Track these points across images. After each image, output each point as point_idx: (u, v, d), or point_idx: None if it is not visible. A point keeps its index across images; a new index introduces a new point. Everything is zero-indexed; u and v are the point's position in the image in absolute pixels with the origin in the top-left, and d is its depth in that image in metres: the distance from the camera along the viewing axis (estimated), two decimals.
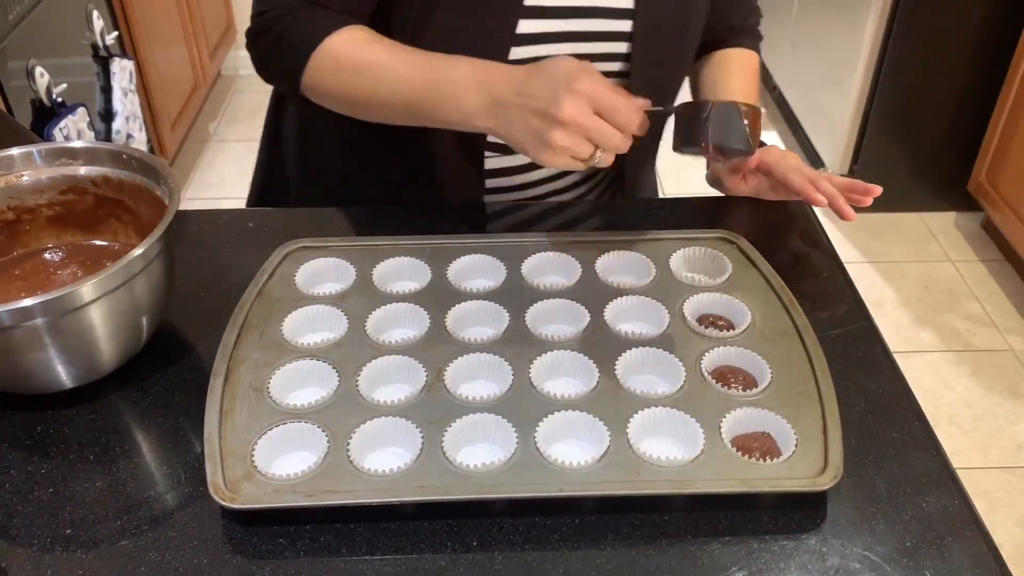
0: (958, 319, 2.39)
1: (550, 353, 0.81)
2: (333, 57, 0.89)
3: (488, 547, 0.68)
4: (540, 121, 0.80)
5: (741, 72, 1.11)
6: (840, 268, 0.96)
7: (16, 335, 0.72)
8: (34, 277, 0.87)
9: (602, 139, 0.80)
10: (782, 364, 0.80)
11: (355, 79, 0.89)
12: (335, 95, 0.92)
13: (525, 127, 0.81)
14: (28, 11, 1.89)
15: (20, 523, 0.70)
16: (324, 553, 0.67)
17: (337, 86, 0.90)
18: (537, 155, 0.82)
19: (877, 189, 0.96)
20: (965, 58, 2.47)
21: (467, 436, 0.74)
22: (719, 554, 0.67)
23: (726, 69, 1.11)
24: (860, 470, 0.74)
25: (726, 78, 1.10)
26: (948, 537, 0.69)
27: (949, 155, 2.65)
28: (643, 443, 0.74)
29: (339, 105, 0.93)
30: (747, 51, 1.14)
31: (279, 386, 0.78)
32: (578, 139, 0.80)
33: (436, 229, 0.97)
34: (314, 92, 0.93)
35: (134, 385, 0.81)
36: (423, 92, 0.86)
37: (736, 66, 1.11)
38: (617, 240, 0.95)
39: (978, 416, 2.11)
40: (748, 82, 1.11)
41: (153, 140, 2.55)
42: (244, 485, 0.69)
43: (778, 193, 1.03)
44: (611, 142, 0.81)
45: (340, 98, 0.92)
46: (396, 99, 0.88)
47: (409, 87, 0.87)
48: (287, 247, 0.93)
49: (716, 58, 1.13)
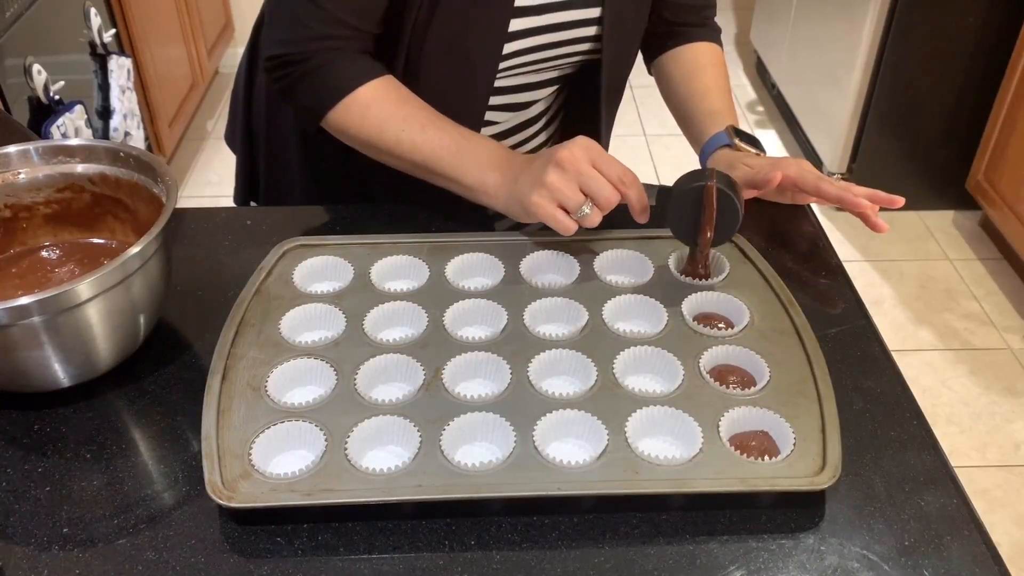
0: (956, 318, 2.39)
1: (548, 352, 0.81)
2: (364, 105, 0.94)
3: (486, 546, 0.68)
4: (540, 170, 0.86)
5: (712, 67, 1.13)
6: (839, 267, 0.96)
7: (13, 333, 0.72)
8: (31, 275, 0.87)
9: (593, 185, 0.85)
10: (780, 363, 0.80)
11: (380, 130, 0.94)
12: (356, 138, 0.96)
13: (526, 182, 0.87)
14: (25, 8, 1.89)
15: (17, 521, 0.70)
16: (322, 552, 0.67)
17: (360, 132, 0.95)
18: (525, 202, 0.86)
19: (899, 200, 0.96)
20: (963, 57, 2.47)
21: (465, 435, 0.74)
22: (717, 553, 0.67)
23: (696, 65, 1.13)
24: (858, 469, 0.74)
25: (699, 73, 1.12)
26: (946, 536, 0.69)
27: (947, 154, 2.65)
28: (641, 442, 0.74)
29: (356, 145, 0.98)
30: (710, 45, 1.15)
31: (277, 385, 0.78)
32: (570, 182, 0.85)
33: (435, 227, 0.97)
34: (335, 129, 0.97)
35: (131, 383, 0.81)
36: (447, 154, 0.93)
37: (706, 61, 1.13)
38: (615, 239, 0.95)
39: (976, 415, 2.11)
40: (721, 77, 1.13)
41: (151, 138, 2.55)
42: (241, 484, 0.69)
43: (784, 196, 1.03)
44: (602, 191, 0.85)
45: (359, 141, 0.96)
46: (416, 155, 0.94)
47: (432, 148, 0.93)
48: (285, 245, 0.93)
49: (683, 55, 1.14)
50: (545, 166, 0.86)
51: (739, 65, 3.62)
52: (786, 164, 1.00)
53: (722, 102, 1.10)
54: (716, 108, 1.09)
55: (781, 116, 3.24)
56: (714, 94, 1.11)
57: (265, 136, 1.15)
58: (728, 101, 1.11)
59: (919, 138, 2.64)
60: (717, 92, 1.11)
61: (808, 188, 0.99)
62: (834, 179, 0.98)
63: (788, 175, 0.99)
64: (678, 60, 1.15)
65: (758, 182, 0.99)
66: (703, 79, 1.12)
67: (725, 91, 1.12)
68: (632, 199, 0.87)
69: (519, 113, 1.10)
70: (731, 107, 1.11)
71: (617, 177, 0.86)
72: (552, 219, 0.86)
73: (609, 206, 0.86)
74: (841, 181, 0.99)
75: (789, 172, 0.99)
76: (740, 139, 1.04)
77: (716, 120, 1.07)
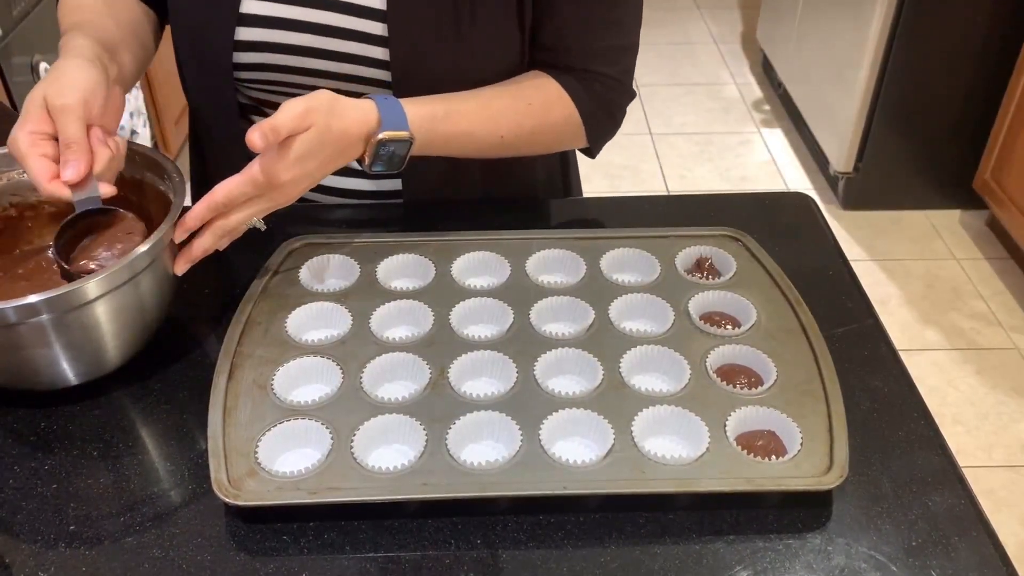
0: (963, 317, 2.38)
1: (554, 351, 0.81)
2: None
3: (492, 545, 0.68)
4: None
5: (525, 88, 0.93)
6: (846, 266, 0.96)
7: (21, 332, 0.72)
8: (38, 275, 0.87)
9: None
10: (787, 362, 0.80)
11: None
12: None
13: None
14: (32, 7, 1.89)
15: (24, 519, 0.70)
16: (327, 550, 0.67)
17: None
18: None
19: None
20: (970, 55, 2.46)
21: (471, 434, 0.74)
22: (724, 553, 0.67)
23: (510, 81, 0.94)
24: (865, 469, 0.73)
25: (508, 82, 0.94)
26: (954, 537, 0.68)
27: (954, 153, 2.64)
28: (647, 441, 0.73)
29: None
30: (556, 86, 0.93)
31: (283, 383, 0.78)
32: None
33: (440, 226, 0.97)
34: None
35: (138, 382, 0.81)
36: None
37: (529, 83, 0.93)
38: (622, 237, 0.95)
39: (982, 415, 2.11)
40: (513, 104, 0.92)
41: (157, 136, 2.55)
42: (247, 482, 0.69)
43: None
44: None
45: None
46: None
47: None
48: (291, 244, 0.93)
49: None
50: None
51: (745, 64, 3.61)
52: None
53: (461, 101, 0.90)
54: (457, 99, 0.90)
55: (787, 115, 3.23)
56: (480, 94, 0.91)
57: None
58: (470, 124, 0.90)
59: (926, 137, 2.63)
60: (482, 97, 0.91)
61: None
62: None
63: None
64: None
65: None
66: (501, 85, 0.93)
67: (487, 109, 0.90)
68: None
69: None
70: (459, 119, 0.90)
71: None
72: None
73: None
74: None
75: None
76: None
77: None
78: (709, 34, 3.85)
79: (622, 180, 2.90)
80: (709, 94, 3.41)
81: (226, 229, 0.81)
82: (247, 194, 0.80)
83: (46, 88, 0.76)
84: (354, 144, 0.83)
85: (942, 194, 2.73)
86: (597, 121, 0.97)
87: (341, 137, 0.82)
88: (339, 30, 0.90)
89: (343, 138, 0.82)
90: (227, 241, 0.83)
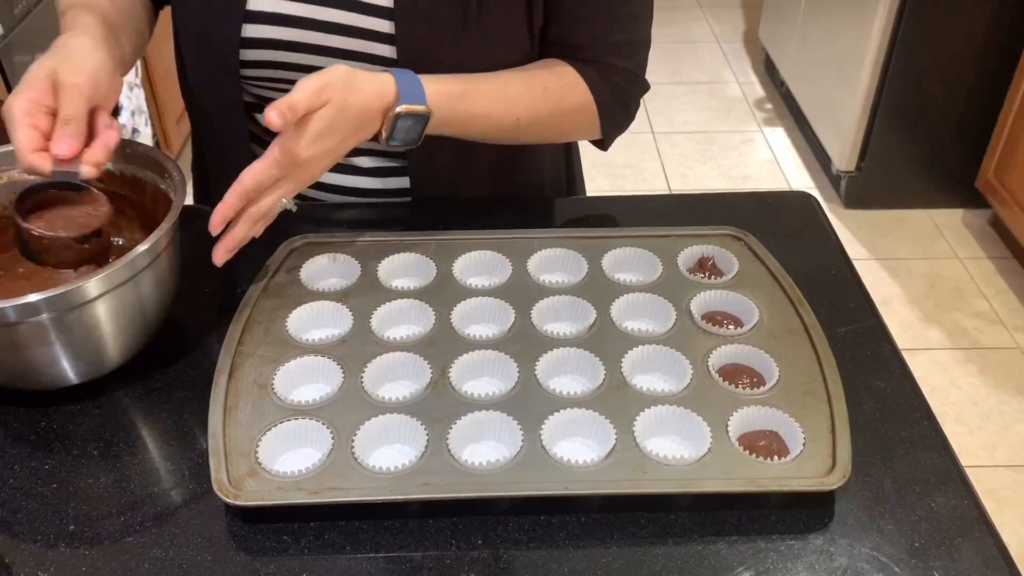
0: (965, 317, 2.38)
1: (556, 350, 0.80)
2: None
3: (493, 545, 0.68)
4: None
5: (539, 75, 0.92)
6: (848, 265, 0.96)
7: (22, 331, 0.72)
8: (38, 274, 0.87)
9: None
10: (790, 362, 0.80)
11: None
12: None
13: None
14: (34, 5, 1.89)
15: (24, 519, 0.70)
16: (328, 550, 0.67)
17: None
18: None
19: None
20: (973, 54, 2.46)
21: (472, 434, 0.74)
22: (726, 553, 0.67)
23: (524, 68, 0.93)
24: (868, 469, 0.73)
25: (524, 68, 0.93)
26: (958, 538, 0.68)
27: (957, 152, 2.64)
28: (649, 441, 0.73)
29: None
30: (573, 73, 0.93)
31: (284, 382, 0.78)
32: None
33: (441, 225, 0.97)
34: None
35: (139, 381, 0.81)
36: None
37: (543, 70, 0.93)
38: (623, 236, 0.95)
39: (985, 414, 2.10)
40: (530, 88, 0.92)
41: (158, 135, 2.55)
42: (248, 482, 0.69)
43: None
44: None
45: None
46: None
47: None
48: (292, 243, 0.93)
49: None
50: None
51: (747, 62, 3.61)
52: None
53: (473, 82, 0.89)
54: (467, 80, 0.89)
55: (790, 114, 3.22)
56: (498, 76, 0.91)
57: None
58: (492, 106, 0.90)
59: (928, 136, 2.62)
60: (500, 79, 0.91)
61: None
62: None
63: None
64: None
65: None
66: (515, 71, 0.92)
67: (504, 92, 0.90)
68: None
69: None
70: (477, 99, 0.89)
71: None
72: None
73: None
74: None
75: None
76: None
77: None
78: (711, 33, 3.85)
79: (624, 179, 2.90)
80: (711, 93, 3.41)
81: (259, 215, 0.82)
82: (273, 176, 0.80)
83: (57, 64, 0.77)
84: (374, 118, 0.83)
85: (945, 193, 2.73)
86: (612, 111, 0.97)
87: (360, 111, 0.81)
88: (346, 27, 0.90)
89: (362, 112, 0.82)
90: (262, 226, 0.83)
